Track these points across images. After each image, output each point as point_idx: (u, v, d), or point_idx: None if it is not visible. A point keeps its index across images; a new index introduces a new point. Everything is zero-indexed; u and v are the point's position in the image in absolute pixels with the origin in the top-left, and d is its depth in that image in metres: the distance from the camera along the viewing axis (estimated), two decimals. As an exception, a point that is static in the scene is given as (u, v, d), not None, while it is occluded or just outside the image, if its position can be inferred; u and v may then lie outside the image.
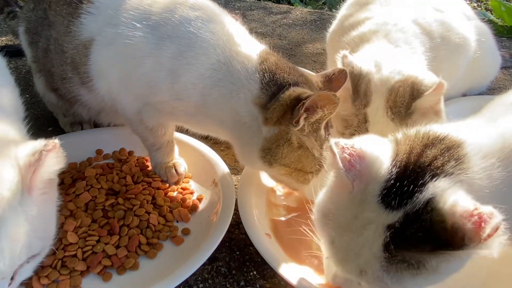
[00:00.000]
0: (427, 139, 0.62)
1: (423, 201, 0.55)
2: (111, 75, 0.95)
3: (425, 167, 0.58)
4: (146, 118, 0.97)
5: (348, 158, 0.59)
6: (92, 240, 0.84)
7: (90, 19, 0.96)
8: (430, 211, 0.54)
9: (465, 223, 0.50)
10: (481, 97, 1.52)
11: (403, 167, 0.59)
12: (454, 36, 1.16)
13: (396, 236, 0.55)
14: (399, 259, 0.56)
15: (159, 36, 0.88)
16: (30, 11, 1.15)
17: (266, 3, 2.72)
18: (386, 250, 0.56)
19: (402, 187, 0.57)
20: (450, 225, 0.51)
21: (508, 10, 2.39)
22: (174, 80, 0.88)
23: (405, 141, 0.64)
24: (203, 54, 0.86)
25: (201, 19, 0.89)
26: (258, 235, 0.85)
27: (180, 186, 1.05)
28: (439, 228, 0.52)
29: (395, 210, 0.56)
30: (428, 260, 0.55)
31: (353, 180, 0.60)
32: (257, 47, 0.91)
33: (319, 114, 0.80)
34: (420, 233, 0.53)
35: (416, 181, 0.57)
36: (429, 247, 0.53)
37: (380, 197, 0.58)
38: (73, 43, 0.98)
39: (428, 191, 0.55)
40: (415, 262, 0.55)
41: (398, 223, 0.55)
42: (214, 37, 0.87)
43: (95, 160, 1.10)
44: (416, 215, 0.54)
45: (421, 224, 0.54)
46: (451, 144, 0.61)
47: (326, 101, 0.78)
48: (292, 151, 0.84)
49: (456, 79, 1.35)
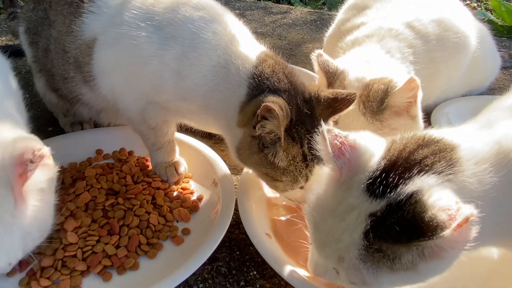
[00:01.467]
0: (422, 140, 0.64)
1: (407, 193, 0.56)
2: (115, 74, 0.95)
3: (415, 163, 0.59)
4: (149, 116, 0.97)
5: (339, 146, 0.61)
6: (92, 240, 0.84)
7: (93, 19, 0.96)
8: (413, 203, 0.55)
9: (441, 214, 0.51)
10: (481, 97, 1.52)
11: (392, 160, 0.60)
12: (452, 36, 1.16)
13: (376, 224, 0.56)
14: (376, 248, 0.57)
15: (163, 37, 0.88)
16: (30, 11, 1.15)
17: (266, 3, 2.72)
18: (365, 237, 0.57)
19: (388, 178, 0.58)
20: (428, 215, 0.52)
21: (508, 10, 2.39)
22: (179, 80, 0.88)
23: (400, 140, 0.65)
24: (206, 55, 0.87)
25: (204, 19, 0.89)
26: (258, 235, 0.85)
27: (180, 186, 1.05)
28: (418, 219, 0.53)
29: (378, 198, 0.58)
30: (404, 253, 0.55)
31: (341, 167, 0.62)
32: (257, 48, 0.91)
33: (270, 125, 0.78)
34: (399, 223, 0.54)
35: (403, 174, 0.58)
36: (406, 238, 0.53)
37: (366, 185, 0.59)
38: (76, 43, 0.98)
39: (414, 185, 0.57)
40: (391, 253, 0.56)
41: (380, 212, 0.57)
42: (216, 37, 0.87)
43: (95, 160, 1.11)
44: (399, 206, 0.55)
45: (402, 215, 0.54)
46: (445, 147, 0.62)
47: (266, 111, 0.77)
48: (253, 154, 0.85)
49: (457, 79, 1.35)
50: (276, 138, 0.80)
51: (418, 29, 1.13)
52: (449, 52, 1.16)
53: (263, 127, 0.80)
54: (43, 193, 0.69)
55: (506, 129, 0.65)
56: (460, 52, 1.20)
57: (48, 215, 0.74)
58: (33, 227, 0.67)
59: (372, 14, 1.20)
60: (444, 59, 1.15)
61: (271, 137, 0.81)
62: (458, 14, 1.25)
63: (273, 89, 0.83)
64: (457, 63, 1.22)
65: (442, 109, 1.37)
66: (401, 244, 0.55)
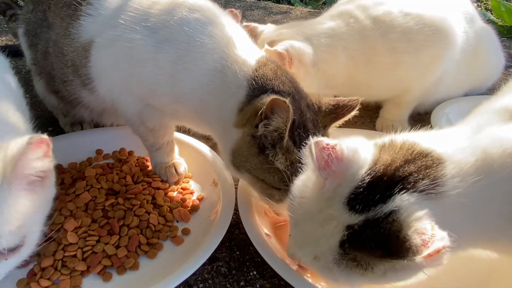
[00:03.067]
0: (410, 154, 0.63)
1: (386, 211, 0.57)
2: (112, 76, 0.95)
3: (398, 180, 0.60)
4: (147, 118, 0.97)
5: (326, 159, 0.61)
6: (92, 240, 0.84)
7: (89, 21, 0.96)
8: (391, 222, 0.56)
9: (415, 237, 0.53)
10: (481, 97, 1.52)
11: (376, 177, 0.61)
12: (426, 29, 1.20)
13: (353, 236, 0.58)
14: (351, 257, 0.59)
15: (158, 39, 0.87)
16: (29, 13, 1.14)
17: (266, 3, 2.72)
18: (341, 246, 0.59)
19: (369, 195, 0.59)
20: (402, 235, 0.54)
21: (508, 10, 2.39)
22: (174, 84, 0.87)
23: (389, 151, 0.65)
24: (201, 59, 0.85)
25: (200, 22, 0.87)
26: (258, 235, 0.85)
27: (180, 186, 1.05)
28: (393, 237, 0.55)
29: (357, 213, 0.59)
30: (377, 264, 0.58)
31: (325, 179, 0.62)
32: (256, 52, 0.90)
33: (276, 122, 0.76)
34: (375, 239, 0.56)
35: (385, 192, 0.59)
36: (379, 253, 0.56)
37: (347, 199, 0.60)
38: (73, 46, 0.98)
39: (394, 203, 0.58)
40: (364, 264, 0.59)
41: (357, 225, 0.58)
42: (211, 40, 0.86)
43: (95, 160, 1.11)
44: (376, 222, 0.57)
45: (378, 231, 0.57)
46: (432, 163, 0.62)
47: (277, 107, 0.74)
48: (252, 155, 0.81)
49: (454, 76, 1.36)
50: (278, 138, 0.78)
51: (381, 20, 1.20)
52: (418, 44, 1.20)
53: (266, 125, 0.77)
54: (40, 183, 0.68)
55: (492, 137, 0.65)
56: (435, 45, 1.22)
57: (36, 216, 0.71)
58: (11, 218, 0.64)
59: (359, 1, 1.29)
60: (408, 50, 1.20)
61: (274, 136, 0.77)
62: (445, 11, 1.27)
63: (277, 90, 0.81)
64: (434, 56, 1.24)
65: (442, 109, 1.37)
66: (375, 257, 0.57)
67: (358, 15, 1.23)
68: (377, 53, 1.20)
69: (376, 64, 1.21)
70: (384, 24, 1.19)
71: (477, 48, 1.40)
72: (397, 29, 1.19)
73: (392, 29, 1.19)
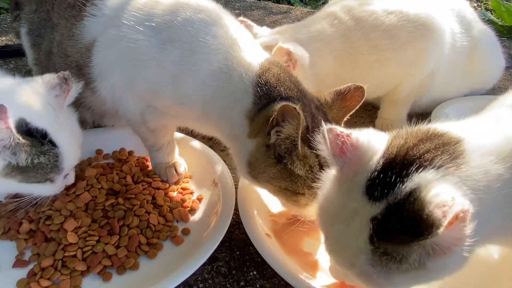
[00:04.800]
0: (426, 134, 0.62)
1: (406, 192, 0.54)
2: (114, 77, 0.94)
3: (414, 159, 0.57)
4: (148, 119, 0.97)
5: (340, 145, 0.60)
6: (92, 240, 0.84)
7: (93, 22, 0.96)
8: (412, 202, 0.53)
9: (436, 211, 0.49)
10: (481, 97, 1.52)
11: (391, 158, 0.58)
12: (409, 26, 1.22)
13: (379, 228, 0.55)
14: (382, 251, 0.55)
15: (162, 40, 0.86)
16: (32, 13, 1.14)
17: (266, 3, 2.72)
18: (371, 242, 0.56)
19: (386, 177, 0.56)
20: (425, 213, 0.50)
21: (508, 10, 2.39)
22: (176, 85, 0.87)
23: (402, 135, 0.63)
24: (205, 60, 0.84)
25: (204, 22, 0.87)
26: (258, 235, 0.85)
27: (180, 186, 1.05)
28: (417, 217, 0.51)
29: (378, 201, 0.56)
30: (409, 253, 0.53)
31: (342, 167, 0.61)
32: (260, 54, 0.89)
33: (287, 129, 0.75)
34: (400, 224, 0.53)
35: (401, 172, 0.56)
36: (407, 237, 0.52)
37: (365, 187, 0.58)
38: (76, 47, 0.97)
39: (412, 182, 0.54)
40: (397, 255, 0.54)
41: (380, 214, 0.55)
42: (216, 41, 0.85)
43: (95, 160, 1.10)
44: (398, 206, 0.54)
45: (402, 215, 0.53)
46: (449, 141, 0.60)
47: (288, 113, 0.73)
48: (270, 165, 0.79)
49: (450, 75, 1.38)
50: (292, 145, 0.76)
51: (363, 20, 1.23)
52: (403, 40, 1.22)
53: (278, 132, 0.75)
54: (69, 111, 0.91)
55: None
56: (419, 41, 1.23)
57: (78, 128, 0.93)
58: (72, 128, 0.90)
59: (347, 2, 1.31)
60: (392, 47, 1.23)
61: (287, 144, 0.76)
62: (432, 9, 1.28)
63: (286, 97, 0.79)
64: (419, 52, 1.25)
65: (442, 109, 1.37)
66: (403, 244, 0.53)
67: (342, 16, 1.26)
68: (360, 52, 1.23)
69: (361, 63, 1.25)
70: (366, 24, 1.23)
71: (475, 50, 1.41)
72: (379, 27, 1.22)
73: (374, 27, 1.22)
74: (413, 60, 1.25)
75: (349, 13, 1.26)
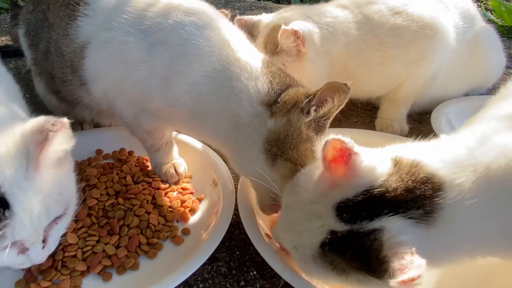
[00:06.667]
0: (413, 180, 0.61)
1: (370, 228, 0.58)
2: (106, 79, 0.94)
3: (391, 205, 0.59)
4: (143, 121, 0.97)
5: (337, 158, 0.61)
6: (92, 240, 0.84)
7: (87, 22, 0.95)
8: (372, 239, 0.57)
9: (394, 261, 0.53)
10: (482, 97, 1.52)
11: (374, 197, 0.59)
12: (413, 25, 1.22)
13: (334, 241, 0.60)
14: (328, 259, 0.61)
15: (152, 42, 0.86)
16: (29, 13, 1.14)
17: (266, 3, 2.72)
18: (321, 247, 0.61)
19: (358, 210, 0.59)
20: (382, 255, 0.55)
21: (508, 10, 2.39)
22: (167, 87, 0.86)
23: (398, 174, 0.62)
24: (197, 61, 0.84)
25: (195, 25, 0.87)
26: (258, 235, 0.85)
27: (180, 186, 1.05)
28: (373, 255, 0.56)
29: (343, 222, 0.60)
30: (352, 274, 0.59)
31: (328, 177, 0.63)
32: (256, 53, 0.90)
33: (328, 106, 0.78)
34: (355, 250, 0.58)
35: (374, 211, 0.59)
36: (357, 265, 0.58)
37: (337, 205, 0.61)
38: (71, 46, 0.97)
39: (380, 222, 0.58)
40: (340, 269, 0.60)
41: (341, 233, 0.59)
42: (208, 44, 0.85)
43: (95, 160, 1.10)
44: (359, 236, 0.58)
45: (360, 244, 0.57)
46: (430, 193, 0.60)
47: (336, 90, 0.76)
48: (301, 142, 0.80)
49: (452, 75, 1.38)
50: (322, 124, 0.81)
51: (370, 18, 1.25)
52: (407, 39, 1.23)
53: (317, 110, 0.79)
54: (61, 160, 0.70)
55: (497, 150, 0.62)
56: (424, 41, 1.24)
57: (69, 181, 0.75)
58: (52, 191, 0.68)
59: None
60: (396, 45, 1.24)
61: (322, 121, 0.81)
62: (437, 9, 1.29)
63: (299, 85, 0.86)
64: (423, 52, 1.25)
65: (442, 109, 1.37)
66: (352, 267, 0.58)
67: (353, 10, 1.28)
68: (368, 46, 1.24)
69: (367, 58, 1.25)
70: (373, 21, 1.24)
71: (477, 48, 1.41)
72: (385, 25, 1.23)
73: (381, 25, 1.24)
74: (417, 59, 1.26)
75: (358, 8, 1.28)
